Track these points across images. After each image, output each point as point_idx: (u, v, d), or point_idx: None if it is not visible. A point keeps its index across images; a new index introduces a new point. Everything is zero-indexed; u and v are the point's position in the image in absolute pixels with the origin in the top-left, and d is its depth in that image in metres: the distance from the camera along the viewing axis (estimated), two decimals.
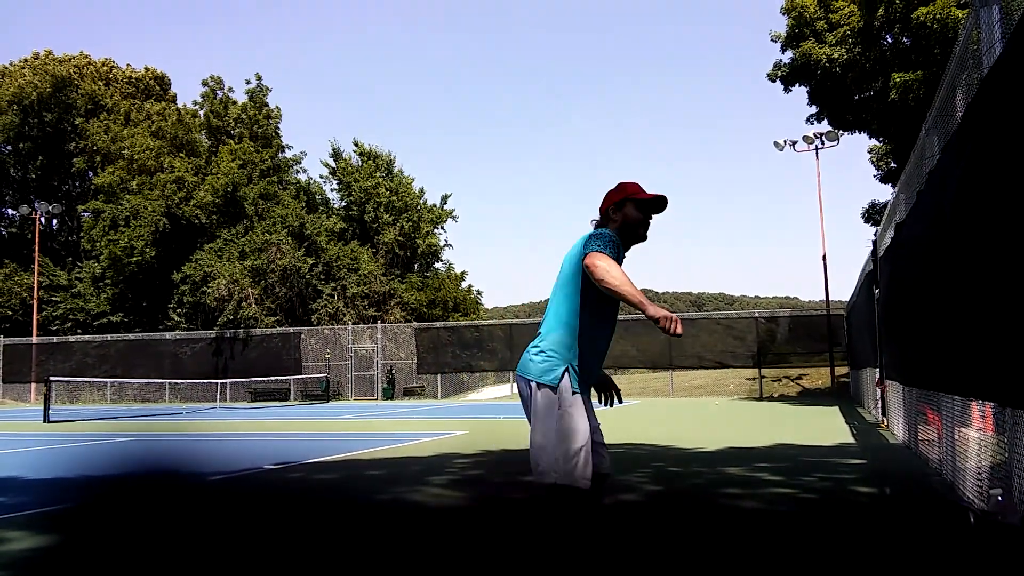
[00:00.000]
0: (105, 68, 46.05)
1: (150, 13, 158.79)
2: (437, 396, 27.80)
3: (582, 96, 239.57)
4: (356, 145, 39.01)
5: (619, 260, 2.90)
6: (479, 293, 41.24)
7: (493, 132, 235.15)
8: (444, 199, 39.85)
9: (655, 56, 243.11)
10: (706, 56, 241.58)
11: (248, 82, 41.41)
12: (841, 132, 23.85)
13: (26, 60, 45.14)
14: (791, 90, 21.35)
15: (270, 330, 30.73)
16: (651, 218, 3.15)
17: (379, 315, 33.03)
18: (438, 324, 29.92)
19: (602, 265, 2.74)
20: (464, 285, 39.96)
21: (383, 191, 36.96)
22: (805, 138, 25.51)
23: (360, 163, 38.37)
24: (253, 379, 28.46)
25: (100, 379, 29.32)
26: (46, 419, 17.10)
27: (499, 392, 29.26)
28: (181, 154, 38.44)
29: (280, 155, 41.42)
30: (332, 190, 39.42)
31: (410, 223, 37.36)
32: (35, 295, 35.92)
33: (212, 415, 20.39)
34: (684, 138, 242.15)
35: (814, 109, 21.99)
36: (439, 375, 28.30)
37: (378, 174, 37.89)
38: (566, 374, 2.88)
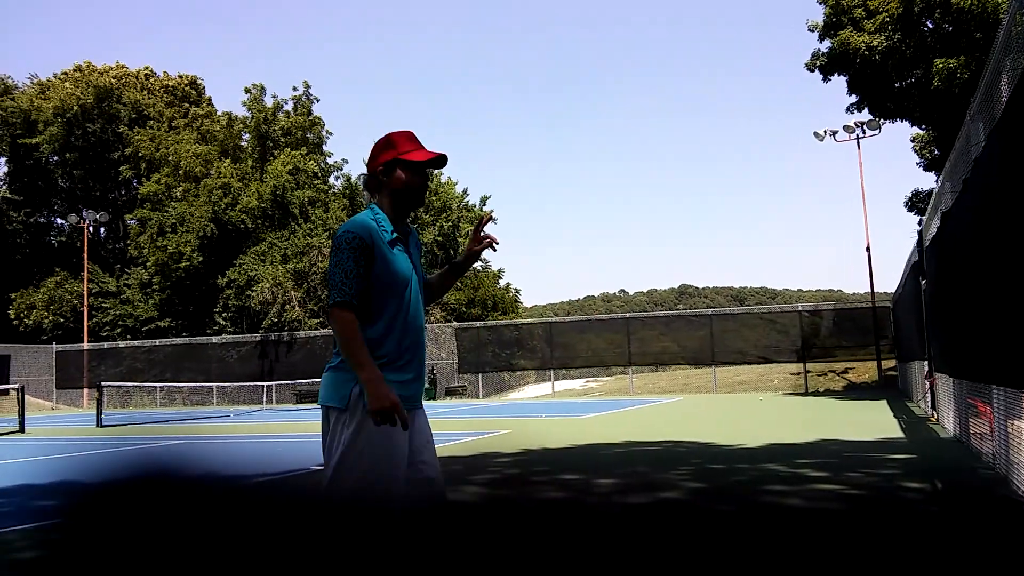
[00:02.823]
0: (143, 76, 47.06)
1: (181, 20, 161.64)
2: (479, 396, 27.89)
3: (617, 91, 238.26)
4: None
5: (371, 256, 2.56)
6: (517, 292, 41.35)
7: (531, 129, 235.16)
8: (483, 200, 40.01)
9: (692, 50, 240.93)
10: (743, 48, 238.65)
11: (295, 89, 42.16)
12: (882, 120, 23.40)
13: (67, 73, 46.30)
14: (830, 79, 21.00)
15: (313, 332, 31.10)
16: (428, 178, 2.83)
17: None
18: (478, 324, 30.02)
19: (334, 327, 2.53)
20: (502, 284, 40.07)
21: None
22: (846, 127, 25.09)
23: None
24: (298, 381, 28.83)
25: (150, 383, 29.96)
26: (99, 423, 17.54)
27: (540, 391, 29.26)
28: (227, 160, 39.12)
29: (324, 161, 42.03)
30: None
31: (450, 223, 37.55)
32: (85, 302, 36.82)
33: (258, 417, 20.70)
34: (722, 130, 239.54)
35: (854, 98, 21.60)
36: (480, 374, 28.39)
37: None
38: (356, 390, 2.56)
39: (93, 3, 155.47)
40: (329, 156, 43.49)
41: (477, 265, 40.11)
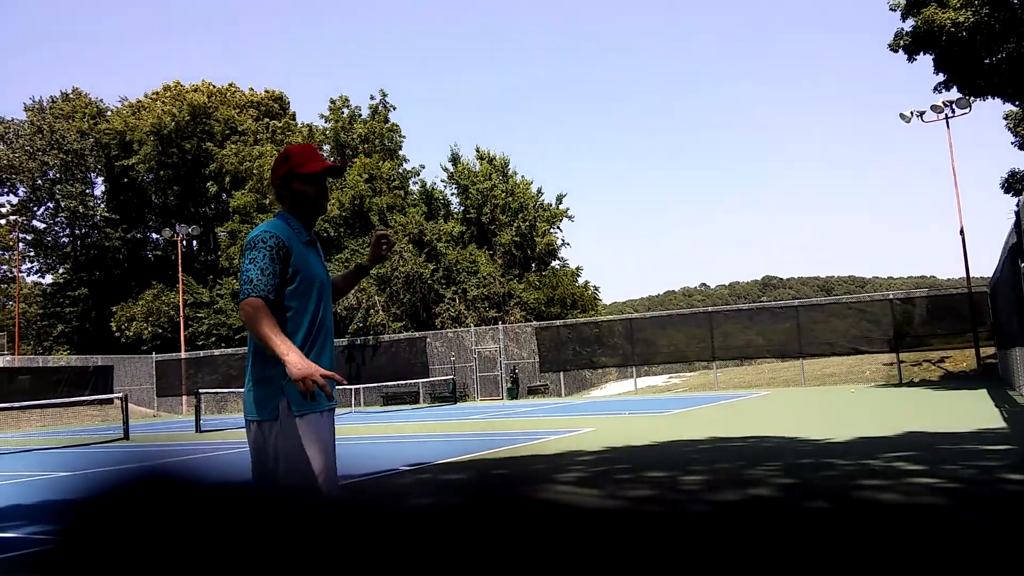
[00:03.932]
0: (229, 93, 48.78)
1: (258, 34, 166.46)
2: (561, 394, 27.94)
3: (693, 81, 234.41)
4: (477, 150, 39.75)
5: (288, 256, 2.64)
6: (596, 289, 41.18)
7: (606, 125, 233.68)
8: (559, 198, 40.02)
9: (768, 35, 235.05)
10: (823, 30, 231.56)
11: (372, 97, 43.10)
12: (972, 99, 22.41)
13: (157, 92, 48.37)
14: (915, 59, 20.26)
15: (397, 336, 31.70)
16: (326, 187, 2.88)
17: (500, 316, 33.50)
18: (558, 322, 30.06)
19: (244, 317, 2.61)
20: (580, 282, 39.98)
21: (499, 192, 37.46)
22: (933, 107, 24.11)
23: (478, 167, 39.04)
24: (384, 383, 29.44)
25: (243, 388, 31.02)
26: (198, 428, 18.30)
27: (622, 388, 29.11)
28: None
29: (401, 168, 42.80)
30: (452, 194, 40.28)
31: (526, 223, 37.70)
32: (181, 313, 38.43)
33: (348, 419, 21.24)
34: (804, 116, 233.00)
35: (941, 77, 20.76)
36: (561, 373, 28.42)
37: (495, 176, 38.44)
38: (284, 400, 2.64)
39: (174, 24, 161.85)
40: (406, 161, 44.26)
41: (555, 263, 40.23)
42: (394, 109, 43.32)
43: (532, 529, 2.86)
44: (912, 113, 24.98)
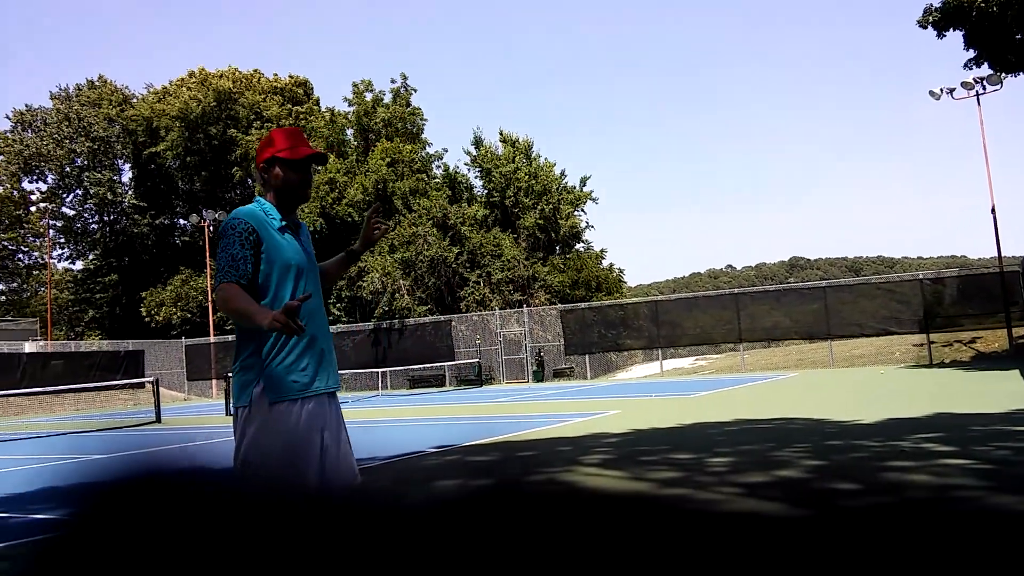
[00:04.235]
0: (254, 79, 48.99)
1: (289, 23, 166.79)
2: (586, 377, 27.93)
3: (717, 59, 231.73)
4: (500, 133, 39.64)
5: (258, 241, 2.61)
6: (621, 271, 41.01)
7: (631, 106, 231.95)
8: (583, 180, 39.83)
9: (795, 13, 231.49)
10: (849, 6, 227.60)
11: (393, 81, 43.05)
12: (1004, 75, 21.93)
13: (183, 79, 48.70)
14: (945, 35, 19.82)
15: (422, 319, 31.82)
16: (310, 175, 2.82)
17: (524, 299, 33.50)
18: (583, 305, 30.00)
19: (218, 303, 2.61)
20: (605, 264, 39.84)
21: (523, 175, 37.36)
22: (964, 84, 23.64)
23: (501, 150, 38.94)
24: (410, 367, 29.61)
25: None
26: (228, 411, 18.54)
27: (648, 370, 29.04)
28: (332, 155, 40.39)
29: (423, 152, 42.79)
30: (475, 178, 40.22)
31: (550, 206, 37.58)
32: (209, 297, 38.84)
33: (375, 403, 21.42)
34: (831, 94, 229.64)
35: (972, 53, 20.31)
36: (587, 355, 28.40)
37: (518, 159, 38.33)
38: (258, 387, 2.59)
39: (201, 11, 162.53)
40: (428, 145, 44.21)
41: (579, 246, 40.09)
42: (415, 92, 43.24)
43: (546, 517, 2.73)
44: (942, 90, 24.51)
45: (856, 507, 4.40)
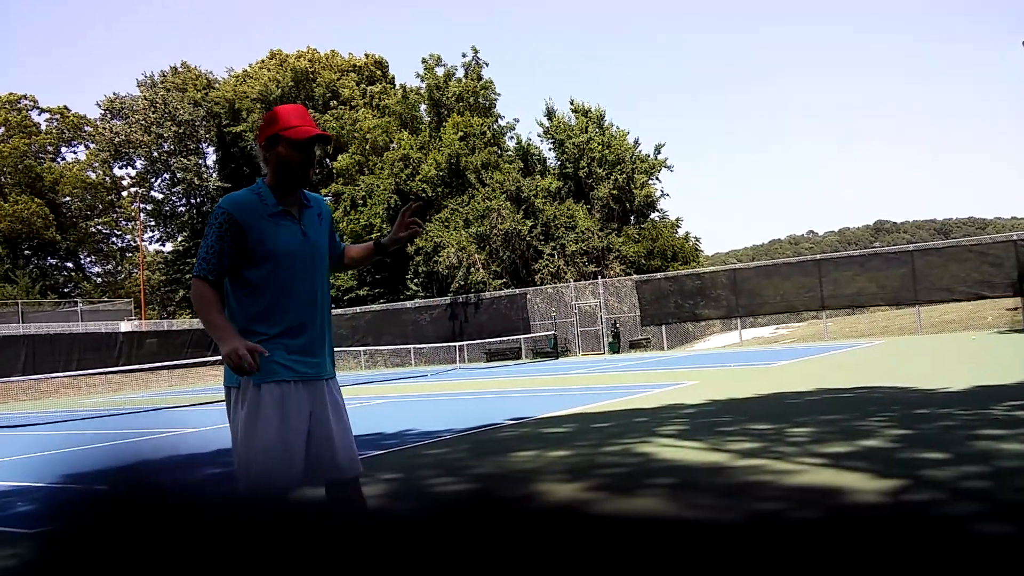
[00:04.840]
0: (331, 59, 49.77)
1: (359, 3, 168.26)
2: (663, 347, 27.70)
3: (797, 21, 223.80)
4: (571, 103, 39.31)
5: (240, 232, 2.58)
6: (697, 240, 40.33)
7: (705, 70, 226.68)
8: (658, 148, 39.18)
9: None
10: None
11: (464, 55, 43.11)
12: None
13: (263, 61, 49.82)
14: None
15: (498, 293, 32.03)
16: (313, 155, 2.73)
17: (599, 270, 33.35)
18: (658, 275, 29.68)
19: (192, 298, 2.58)
20: (680, 233, 39.25)
21: (596, 145, 37.02)
22: None
23: (573, 120, 38.63)
24: (487, 340, 29.90)
25: (354, 348, 32.24)
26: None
27: (727, 340, 28.62)
28: (405, 132, 40.80)
29: (496, 125, 42.79)
30: (548, 149, 40.02)
31: (624, 176, 37.16)
32: None
33: (453, 376, 21.74)
34: (916, 51, 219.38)
35: None
36: (663, 326, 28.13)
37: (591, 128, 37.97)
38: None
39: None
40: (501, 118, 44.15)
41: (654, 215, 39.59)
42: (487, 65, 43.14)
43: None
44: None
45: (943, 477, 4.28)
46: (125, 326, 38.14)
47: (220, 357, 2.48)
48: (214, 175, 50.56)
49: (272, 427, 2.53)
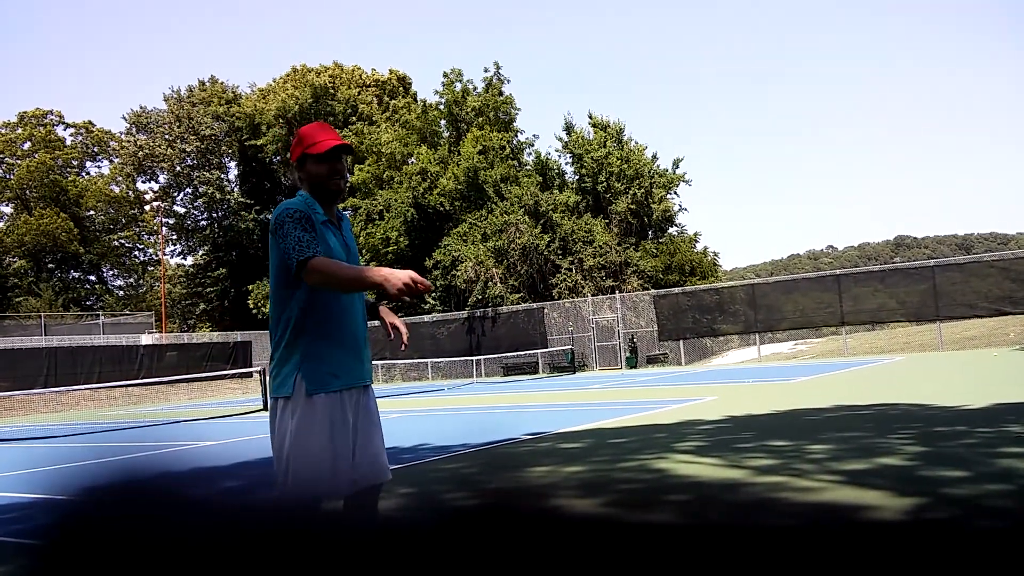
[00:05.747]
0: (356, 75, 50.21)
1: (386, 19, 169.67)
2: (681, 363, 27.58)
3: (817, 34, 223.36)
4: (590, 117, 39.37)
5: (313, 226, 2.64)
6: (716, 255, 40.19)
7: (725, 84, 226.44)
8: (676, 163, 39.15)
9: None
10: None
11: (486, 70, 43.30)
12: None
13: (286, 76, 50.34)
14: None
15: (515, 307, 32.05)
16: (341, 165, 2.80)
17: (616, 285, 33.30)
18: (676, 290, 29.60)
19: (317, 278, 2.56)
20: (699, 247, 39.13)
21: (614, 160, 37.04)
22: None
23: (592, 135, 38.68)
24: (504, 354, 29.91)
25: (372, 361, 32.31)
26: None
27: (745, 356, 28.45)
28: (423, 146, 41.02)
29: (515, 139, 42.94)
30: (566, 164, 40.07)
31: (642, 190, 37.14)
32: None
33: (469, 390, 21.74)
34: (936, 64, 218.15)
35: None
36: (681, 341, 28.03)
37: (609, 143, 38.00)
38: (298, 377, 2.64)
39: (301, 8, 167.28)
40: (520, 133, 44.28)
41: (672, 230, 39.51)
42: (508, 82, 43.35)
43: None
44: None
45: (964, 495, 4.24)
46: (146, 339, 38.47)
47: (242, 371, 2.52)
48: (235, 189, 51.04)
49: (324, 438, 2.61)
